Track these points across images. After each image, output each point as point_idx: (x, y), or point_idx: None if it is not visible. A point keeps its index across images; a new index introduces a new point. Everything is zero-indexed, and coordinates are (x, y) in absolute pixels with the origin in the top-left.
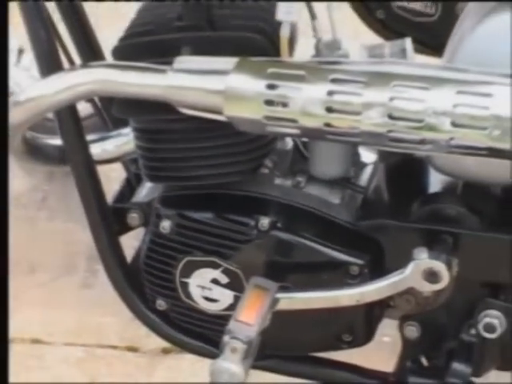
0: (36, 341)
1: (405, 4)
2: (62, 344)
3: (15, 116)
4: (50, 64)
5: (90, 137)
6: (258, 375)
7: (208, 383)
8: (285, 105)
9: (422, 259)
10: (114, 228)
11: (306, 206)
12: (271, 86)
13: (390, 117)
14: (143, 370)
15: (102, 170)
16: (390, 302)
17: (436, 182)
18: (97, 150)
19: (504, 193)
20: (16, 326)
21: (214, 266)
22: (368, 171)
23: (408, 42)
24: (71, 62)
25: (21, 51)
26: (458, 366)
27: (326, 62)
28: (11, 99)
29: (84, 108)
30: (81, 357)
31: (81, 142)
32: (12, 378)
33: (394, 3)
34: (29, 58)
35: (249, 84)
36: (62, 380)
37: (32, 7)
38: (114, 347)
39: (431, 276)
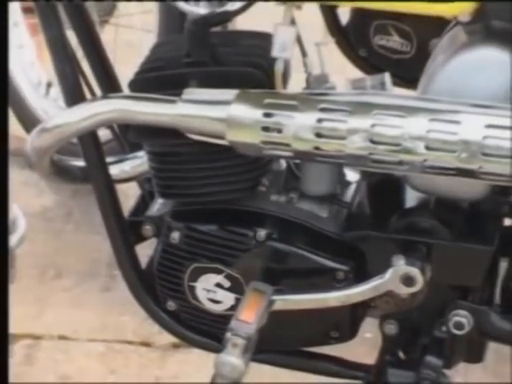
0: (62, 337)
1: (384, 43)
2: (85, 340)
3: (44, 141)
4: (74, 95)
5: (109, 159)
6: (258, 376)
7: (213, 374)
8: (279, 131)
9: (400, 266)
10: (130, 238)
11: (298, 220)
12: (267, 115)
13: (372, 141)
14: (156, 363)
15: (120, 187)
16: (372, 303)
17: (411, 198)
18: (115, 170)
19: (470, 207)
20: (45, 324)
21: (218, 271)
22: (352, 189)
23: (387, 76)
24: (92, 93)
25: (49, 84)
26: (431, 359)
27: (316, 94)
28: (40, 126)
29: (104, 134)
30: (101, 351)
31: (101, 164)
32: (41, 370)
33: (374, 42)
34: (56, 90)
35: (248, 113)
36: (84, 371)
37: (59, 45)
38: (130, 342)
39: (407, 280)
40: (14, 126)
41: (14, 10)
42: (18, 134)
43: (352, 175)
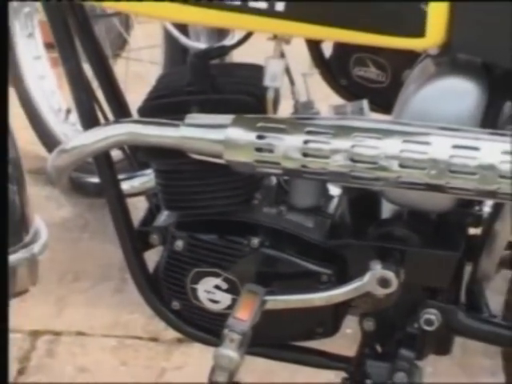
0: (80, 333)
1: (362, 74)
2: (100, 335)
3: (63, 160)
4: (89, 120)
5: (120, 176)
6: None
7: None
8: (271, 151)
9: (377, 269)
10: (139, 246)
11: (287, 229)
12: (260, 137)
13: (352, 160)
14: (162, 356)
15: (130, 201)
16: (352, 303)
17: (387, 210)
18: (126, 186)
19: (439, 218)
20: (64, 322)
21: (217, 275)
22: (335, 202)
23: (365, 103)
24: (106, 118)
25: (68, 111)
26: (404, 351)
27: (302, 118)
28: (60, 147)
29: (116, 154)
30: (114, 345)
31: (114, 180)
32: (60, 362)
33: (353, 73)
34: (74, 115)
35: (243, 135)
36: (99, 363)
37: (76, 76)
38: (140, 338)
39: (383, 282)
40: (37, 147)
41: (37, 45)
42: (40, 155)
43: (334, 190)
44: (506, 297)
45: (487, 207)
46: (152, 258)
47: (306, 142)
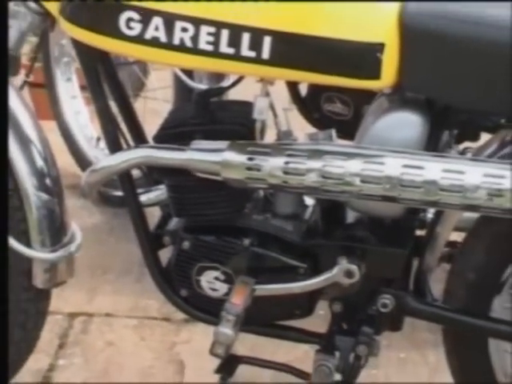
0: (108, 314)
1: (331, 108)
2: (124, 316)
3: (93, 178)
4: (114, 146)
5: (139, 190)
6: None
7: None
8: (258, 170)
9: (343, 264)
10: (154, 246)
11: (271, 232)
12: (250, 159)
13: (323, 177)
14: (173, 332)
15: (147, 210)
16: (323, 290)
17: (351, 216)
18: (144, 198)
19: (392, 222)
20: (95, 306)
21: (216, 269)
22: (309, 210)
23: (333, 132)
24: (127, 144)
25: (98, 139)
26: (365, 328)
27: (283, 144)
28: (91, 168)
29: (136, 173)
30: (135, 324)
31: (134, 194)
32: (92, 338)
33: (324, 108)
34: (103, 143)
35: (236, 158)
36: (123, 338)
37: (104, 112)
38: (155, 318)
39: (348, 274)
40: (73, 168)
41: (74, 87)
42: (76, 173)
43: (309, 201)
44: (445, 285)
45: (430, 214)
46: (165, 255)
47: (286, 162)
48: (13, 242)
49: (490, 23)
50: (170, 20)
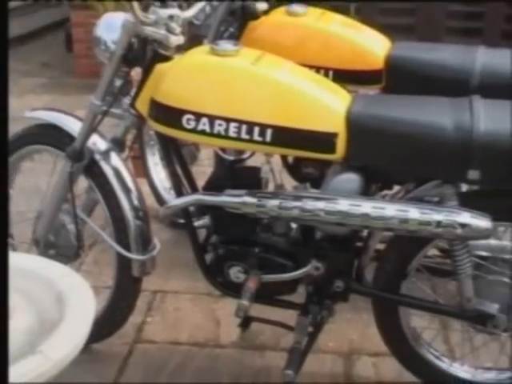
0: (175, 291)
1: (307, 171)
2: (184, 293)
3: (166, 211)
4: (179, 192)
5: (193, 218)
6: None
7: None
8: (264, 207)
9: (313, 263)
10: (202, 252)
11: (272, 243)
12: (259, 201)
13: (302, 211)
14: (213, 302)
15: (198, 231)
16: (302, 278)
17: (319, 234)
18: (196, 223)
19: (343, 237)
20: (168, 287)
21: (238, 265)
22: (294, 230)
23: (308, 185)
24: (186, 191)
25: (170, 188)
26: (327, 301)
27: (278, 192)
28: (165, 205)
29: (191, 208)
30: (191, 297)
31: (190, 221)
32: (166, 306)
33: (303, 171)
34: (173, 191)
35: (250, 200)
36: (185, 306)
37: (173, 174)
38: (202, 294)
39: (317, 269)
40: (155, 205)
41: (156, 158)
42: (156, 208)
43: (294, 225)
44: (373, 274)
45: (365, 232)
46: (208, 258)
47: (280, 203)
48: (121, 250)
49: (408, 123)
50: (211, 119)
